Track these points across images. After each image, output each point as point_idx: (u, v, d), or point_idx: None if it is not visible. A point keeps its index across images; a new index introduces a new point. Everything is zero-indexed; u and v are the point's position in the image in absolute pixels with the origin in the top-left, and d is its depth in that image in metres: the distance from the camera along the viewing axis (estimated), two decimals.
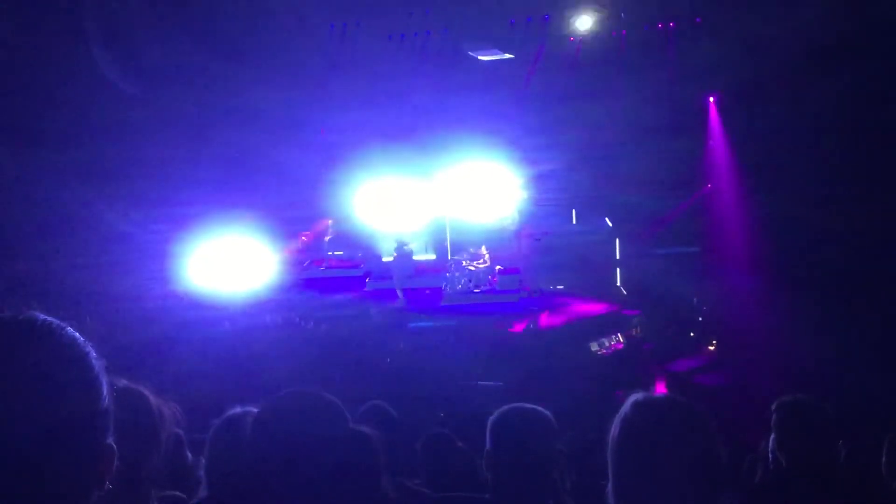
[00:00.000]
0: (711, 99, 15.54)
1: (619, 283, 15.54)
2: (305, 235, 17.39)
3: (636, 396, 1.62)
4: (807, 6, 11.68)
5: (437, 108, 14.76)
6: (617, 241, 15.60)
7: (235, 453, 2.54)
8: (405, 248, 15.97)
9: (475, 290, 15.11)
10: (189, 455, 3.91)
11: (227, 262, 15.11)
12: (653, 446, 1.54)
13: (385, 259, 16.51)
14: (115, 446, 1.14)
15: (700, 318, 14.15)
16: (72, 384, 1.09)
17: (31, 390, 1.05)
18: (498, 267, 15.45)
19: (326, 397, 2.05)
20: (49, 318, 1.12)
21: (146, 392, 2.19)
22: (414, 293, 15.57)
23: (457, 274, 15.24)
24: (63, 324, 1.12)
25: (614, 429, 1.60)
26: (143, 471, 2.10)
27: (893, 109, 11.72)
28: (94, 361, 1.13)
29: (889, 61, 11.56)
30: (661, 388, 10.84)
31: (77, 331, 1.15)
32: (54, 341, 1.10)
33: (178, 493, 2.64)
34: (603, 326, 13.56)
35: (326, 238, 16.81)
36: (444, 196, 16.47)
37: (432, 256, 16.95)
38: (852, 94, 12.03)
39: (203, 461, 2.76)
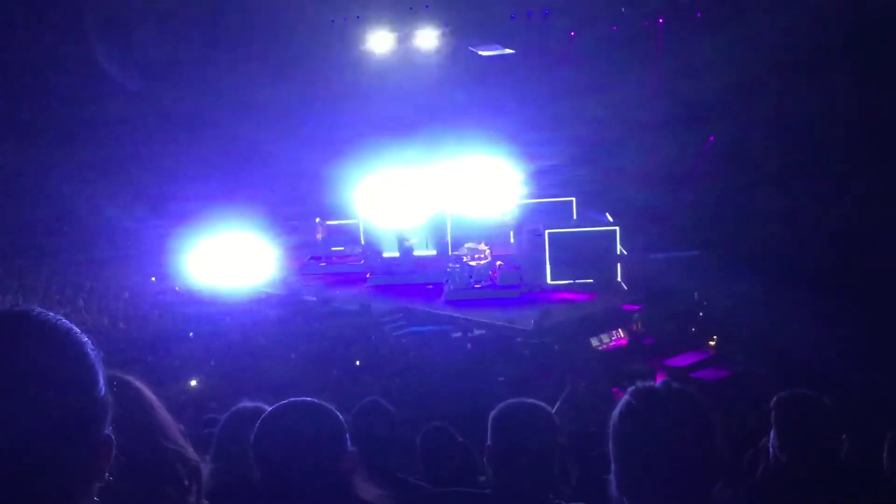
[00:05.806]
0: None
1: (619, 279, 15.51)
2: (306, 231, 17.38)
3: (637, 385, 1.63)
4: (807, 4, 11.67)
5: (438, 103, 14.76)
6: (618, 236, 15.56)
7: (244, 447, 2.53)
8: (406, 243, 15.95)
9: (476, 286, 15.10)
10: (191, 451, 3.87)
11: (228, 258, 15.11)
12: (652, 430, 1.54)
13: (386, 254, 16.50)
14: (113, 437, 1.13)
15: (701, 314, 14.13)
16: (68, 376, 1.08)
17: (28, 382, 1.04)
18: (499, 262, 15.44)
19: (326, 407, 2.08)
20: (44, 311, 1.11)
21: (132, 381, 2.17)
22: (416, 289, 15.57)
23: (458, 269, 15.23)
24: (58, 316, 1.11)
25: (615, 415, 1.60)
26: (139, 461, 2.08)
27: (894, 107, 11.71)
28: (90, 353, 1.12)
29: (890, 59, 11.54)
30: None
31: (75, 324, 1.15)
32: (50, 333, 1.09)
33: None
34: (606, 322, 13.54)
35: (318, 236, 16.85)
36: (445, 191, 16.45)
37: (433, 252, 16.94)
38: (853, 92, 12.02)
39: (208, 457, 2.74)
